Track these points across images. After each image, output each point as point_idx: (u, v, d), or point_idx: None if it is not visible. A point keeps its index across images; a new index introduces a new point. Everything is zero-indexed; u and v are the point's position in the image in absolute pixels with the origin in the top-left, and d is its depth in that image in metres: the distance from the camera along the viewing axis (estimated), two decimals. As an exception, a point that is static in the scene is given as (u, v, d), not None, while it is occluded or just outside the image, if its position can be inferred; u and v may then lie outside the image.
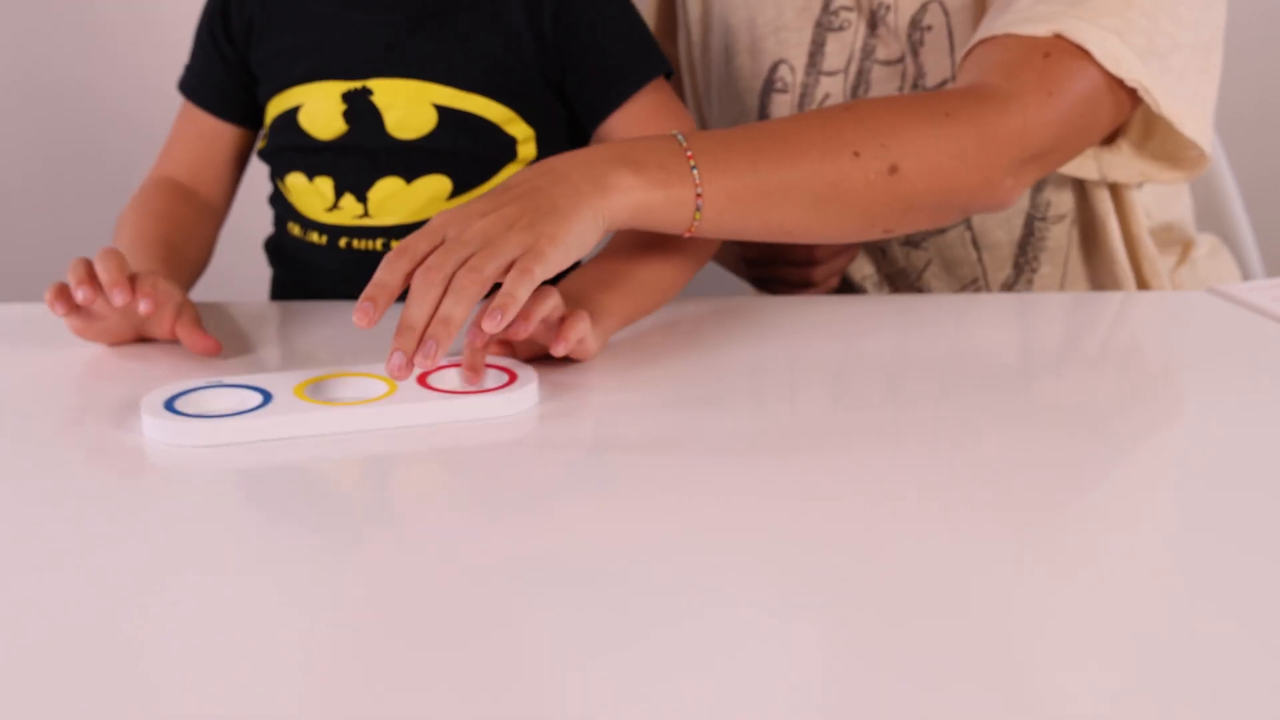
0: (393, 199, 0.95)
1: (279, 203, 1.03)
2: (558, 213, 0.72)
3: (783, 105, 1.10)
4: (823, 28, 1.06)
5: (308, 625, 0.50)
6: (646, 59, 0.95)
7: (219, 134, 1.03)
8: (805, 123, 0.84)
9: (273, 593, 0.52)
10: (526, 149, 0.96)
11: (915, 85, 1.03)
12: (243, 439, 0.66)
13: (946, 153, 0.84)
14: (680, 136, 0.79)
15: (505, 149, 0.96)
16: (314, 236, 0.98)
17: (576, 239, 0.72)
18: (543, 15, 0.94)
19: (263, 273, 1.07)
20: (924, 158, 0.83)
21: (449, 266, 0.69)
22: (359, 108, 0.95)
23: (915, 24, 1.02)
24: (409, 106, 0.94)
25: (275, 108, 0.98)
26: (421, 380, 0.71)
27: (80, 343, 0.83)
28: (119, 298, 0.76)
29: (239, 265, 1.17)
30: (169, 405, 0.68)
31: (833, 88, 1.07)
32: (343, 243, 0.97)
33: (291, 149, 0.98)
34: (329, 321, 0.91)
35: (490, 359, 0.74)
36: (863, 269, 1.15)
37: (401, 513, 0.62)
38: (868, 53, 1.05)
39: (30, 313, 0.91)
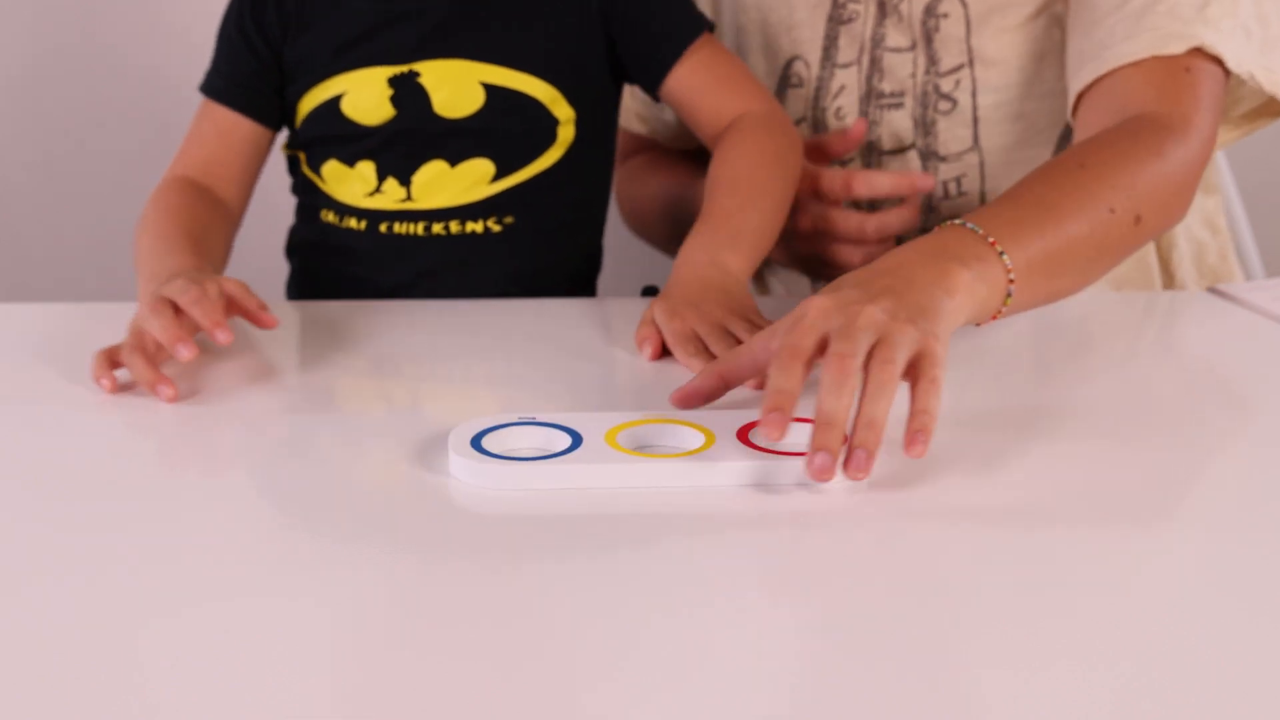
0: (436, 182, 0.97)
1: (308, 193, 1.03)
2: (929, 311, 0.67)
3: (797, 100, 1.10)
4: (834, 21, 1.07)
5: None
6: (692, 16, 1.00)
7: (237, 130, 1.00)
8: (1059, 185, 0.82)
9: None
10: (566, 131, 0.99)
11: (927, 72, 1.04)
12: (548, 485, 0.62)
13: (1168, 191, 0.86)
14: (972, 225, 0.75)
15: (548, 131, 0.98)
16: (352, 222, 0.99)
17: (949, 338, 0.68)
18: None
19: (267, 271, 1.07)
20: (1155, 201, 0.85)
21: (860, 356, 0.63)
22: (406, 91, 0.96)
23: (930, 11, 1.03)
24: (457, 85, 0.96)
25: (313, 99, 0.98)
26: (742, 435, 0.65)
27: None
28: (184, 353, 0.74)
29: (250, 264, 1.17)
30: (476, 442, 0.64)
31: (848, 79, 1.07)
32: (383, 227, 0.98)
33: (329, 138, 0.98)
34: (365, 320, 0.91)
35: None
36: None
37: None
38: (877, 41, 1.05)
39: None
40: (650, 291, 1.07)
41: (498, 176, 0.98)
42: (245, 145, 1.00)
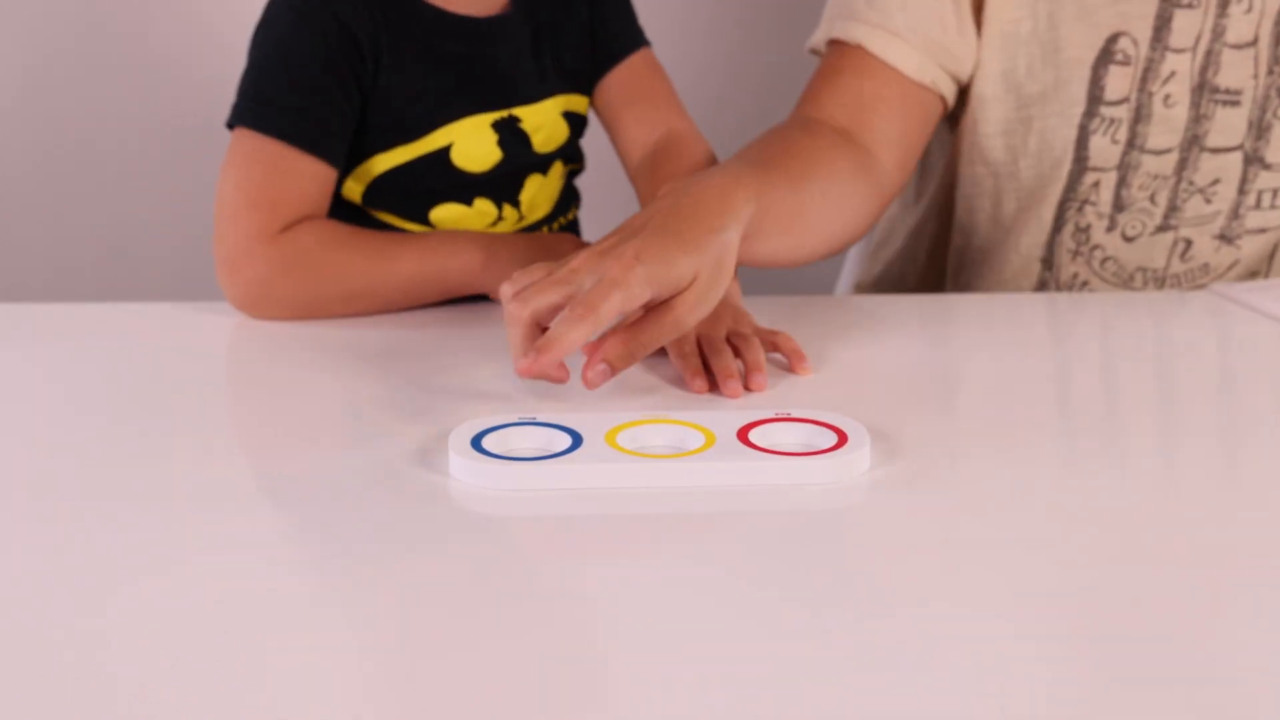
0: (539, 195, 1.03)
1: None
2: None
3: (1120, 78, 1.04)
4: (1170, 3, 1.02)
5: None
6: (637, 28, 1.07)
7: (329, 184, 0.94)
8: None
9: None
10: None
11: (1270, 73, 1.02)
12: (548, 485, 0.62)
13: None
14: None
15: (581, 130, 1.06)
16: None
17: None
18: None
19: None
20: None
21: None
22: (510, 135, 0.99)
23: None
24: (550, 125, 1.01)
25: (410, 151, 0.96)
26: (743, 436, 0.66)
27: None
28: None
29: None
30: (476, 443, 0.65)
31: (1179, 65, 1.02)
32: None
33: (437, 189, 0.98)
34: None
35: (820, 416, 0.68)
36: (1151, 256, 1.08)
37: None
38: (1218, 34, 1.02)
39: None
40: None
41: (565, 169, 1.05)
42: (329, 200, 0.95)
